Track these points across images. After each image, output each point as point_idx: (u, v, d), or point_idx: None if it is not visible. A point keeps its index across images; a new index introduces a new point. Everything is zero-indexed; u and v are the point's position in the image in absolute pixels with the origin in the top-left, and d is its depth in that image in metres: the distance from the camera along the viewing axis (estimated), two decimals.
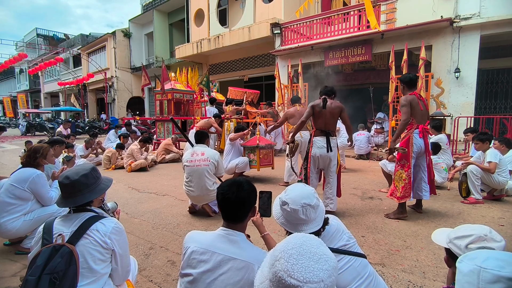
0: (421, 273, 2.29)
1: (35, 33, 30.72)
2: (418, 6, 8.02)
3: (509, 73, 8.79)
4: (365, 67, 11.37)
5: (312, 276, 0.78)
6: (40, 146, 2.82)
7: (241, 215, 1.39)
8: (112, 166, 6.75)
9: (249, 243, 1.40)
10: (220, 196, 1.38)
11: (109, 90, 21.18)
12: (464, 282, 0.74)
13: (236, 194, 1.35)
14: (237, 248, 1.32)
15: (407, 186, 3.35)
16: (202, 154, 3.41)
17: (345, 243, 1.40)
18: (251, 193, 1.41)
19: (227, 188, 1.38)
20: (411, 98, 3.37)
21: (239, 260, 1.28)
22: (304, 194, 1.34)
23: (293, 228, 1.34)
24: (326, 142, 3.43)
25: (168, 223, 3.40)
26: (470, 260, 0.74)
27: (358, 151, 7.79)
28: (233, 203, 1.35)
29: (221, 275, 1.27)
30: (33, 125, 17.05)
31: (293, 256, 0.82)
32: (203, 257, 1.31)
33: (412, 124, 3.40)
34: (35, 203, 2.66)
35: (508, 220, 3.38)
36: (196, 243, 1.36)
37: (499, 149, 4.35)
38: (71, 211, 1.50)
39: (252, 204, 1.42)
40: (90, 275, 1.38)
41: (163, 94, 9.02)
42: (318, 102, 3.49)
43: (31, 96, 34.05)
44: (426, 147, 3.44)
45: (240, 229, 1.40)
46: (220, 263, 1.28)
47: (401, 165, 3.41)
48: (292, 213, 1.32)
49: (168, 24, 19.23)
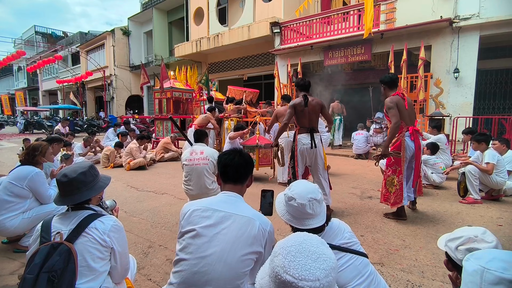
0: (420, 272, 2.29)
1: (34, 30, 30.60)
2: (418, 6, 8.02)
3: (507, 74, 8.81)
4: (364, 67, 11.37)
5: (308, 274, 0.78)
6: (39, 144, 2.81)
7: (243, 177, 1.51)
8: (111, 164, 6.73)
9: (248, 205, 1.46)
10: (224, 159, 1.51)
11: (108, 89, 21.12)
12: (468, 281, 0.74)
13: (239, 157, 1.51)
14: (238, 207, 1.40)
15: (398, 192, 3.26)
16: (201, 153, 3.40)
17: (347, 241, 1.41)
18: (250, 160, 1.57)
19: (230, 152, 1.55)
20: (396, 99, 3.24)
21: (241, 215, 1.35)
22: (309, 189, 1.37)
23: (299, 223, 1.36)
24: (310, 138, 3.41)
25: (167, 222, 3.39)
26: (476, 260, 0.74)
27: (356, 150, 7.79)
28: (236, 164, 1.49)
29: (223, 229, 1.31)
30: (31, 123, 16.99)
31: (291, 253, 0.82)
32: (205, 214, 1.36)
33: (401, 127, 3.24)
34: (33, 201, 2.65)
35: (506, 220, 3.39)
36: (197, 204, 1.42)
37: (500, 149, 4.35)
38: (69, 209, 1.50)
39: (250, 170, 1.55)
40: (88, 273, 1.37)
41: (162, 93, 9.01)
42: (299, 101, 3.41)
43: (29, 94, 33.95)
44: (417, 150, 3.31)
45: (240, 192, 1.50)
46: (222, 219, 1.34)
47: (393, 171, 3.31)
48: (300, 208, 1.34)
49: (168, 23, 19.18)
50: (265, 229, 1.36)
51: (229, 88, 10.88)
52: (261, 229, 1.34)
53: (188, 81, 11.50)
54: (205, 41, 13.49)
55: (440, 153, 5.16)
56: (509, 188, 4.25)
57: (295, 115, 3.47)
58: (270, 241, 1.37)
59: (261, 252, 1.33)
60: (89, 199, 1.53)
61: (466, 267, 0.76)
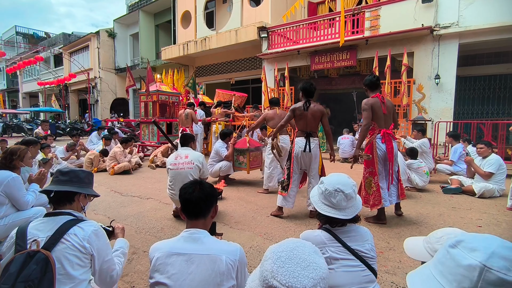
0: (403, 274, 2.33)
1: (14, 31, 29.64)
2: (401, 14, 8.27)
3: (485, 80, 9.18)
4: (350, 72, 11.60)
5: (295, 282, 0.76)
6: (18, 148, 2.70)
7: (204, 211, 1.43)
8: (95, 168, 6.55)
9: (213, 238, 1.42)
10: (182, 194, 1.43)
11: (92, 91, 20.65)
12: (459, 273, 0.66)
13: (199, 191, 1.43)
14: (201, 244, 1.34)
15: (376, 193, 3.30)
16: (186, 157, 3.36)
17: (364, 251, 1.43)
18: (211, 192, 1.47)
19: (189, 185, 1.47)
20: (372, 101, 3.28)
21: (206, 255, 1.30)
22: (340, 181, 1.49)
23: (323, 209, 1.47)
24: (307, 142, 3.43)
25: (151, 227, 3.32)
26: (470, 252, 0.65)
27: (342, 154, 7.90)
28: (195, 199, 1.40)
29: (190, 274, 1.27)
30: (10, 126, 16.36)
31: (281, 258, 0.81)
32: (169, 260, 1.31)
33: (374, 129, 3.31)
34: (10, 207, 2.53)
35: (485, 221, 3.50)
36: (160, 250, 1.36)
37: (486, 152, 4.56)
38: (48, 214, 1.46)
39: (212, 202, 1.47)
40: (68, 281, 1.32)
41: (148, 96, 8.88)
42: (299, 105, 3.46)
43: (9, 96, 32.73)
44: (389, 153, 3.30)
45: (203, 227, 1.43)
46: (187, 263, 1.29)
47: (370, 172, 3.36)
48: (325, 194, 1.47)
49: (154, 25, 18.98)
50: (234, 260, 1.33)
51: (217, 92, 10.85)
52: (229, 262, 1.30)
53: (175, 84, 11.40)
54: (192, 45, 13.43)
55: (424, 157, 5.30)
56: (487, 190, 4.42)
57: (294, 118, 3.52)
58: (242, 266, 1.35)
59: (234, 284, 1.31)
60: (73, 197, 1.53)
61: (456, 256, 0.67)
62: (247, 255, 2.55)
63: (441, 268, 0.70)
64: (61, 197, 1.52)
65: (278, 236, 3.07)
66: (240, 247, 1.40)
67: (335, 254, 1.38)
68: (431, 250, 1.12)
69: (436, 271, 0.72)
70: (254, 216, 3.68)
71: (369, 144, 3.35)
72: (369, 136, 3.37)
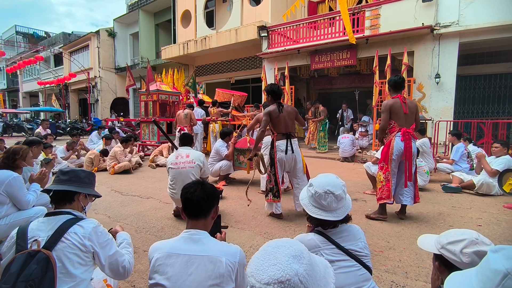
0: (403, 273, 2.33)
1: (14, 30, 29.64)
2: (401, 13, 8.25)
3: (485, 79, 9.17)
4: (350, 71, 11.59)
5: (256, 273, 0.81)
6: (20, 148, 2.71)
7: (205, 211, 1.42)
8: (95, 168, 6.56)
9: (213, 239, 1.41)
10: (184, 193, 1.42)
11: (92, 91, 20.65)
12: (485, 275, 0.72)
13: (200, 191, 1.41)
14: (201, 246, 1.33)
15: (384, 188, 3.39)
16: (187, 156, 3.37)
17: (358, 250, 1.43)
18: (212, 192, 1.46)
19: (191, 185, 1.45)
20: (391, 102, 3.39)
21: (206, 256, 1.29)
22: (330, 182, 1.47)
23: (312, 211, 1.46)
24: (288, 144, 3.44)
25: (152, 227, 3.33)
26: (505, 259, 0.70)
27: (342, 153, 7.89)
28: (196, 199, 1.39)
29: (190, 275, 1.26)
30: (10, 126, 16.35)
31: (262, 251, 0.89)
32: (169, 261, 1.30)
33: (394, 128, 3.43)
34: (11, 207, 2.54)
35: (485, 220, 3.50)
36: (159, 250, 1.35)
37: (502, 152, 4.52)
38: (49, 214, 1.46)
39: (213, 202, 1.46)
40: (69, 280, 1.33)
41: (148, 95, 8.88)
42: (273, 108, 3.44)
43: (9, 96, 32.76)
44: (407, 151, 3.36)
45: (203, 228, 1.41)
46: (186, 264, 1.28)
47: (380, 167, 3.48)
48: (315, 196, 1.45)
49: (154, 25, 18.97)
50: (234, 262, 1.32)
51: (217, 91, 10.85)
52: (228, 264, 1.29)
53: (175, 84, 11.40)
54: (192, 44, 13.42)
55: (425, 157, 5.30)
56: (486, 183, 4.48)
57: (271, 122, 3.49)
58: (241, 269, 1.35)
59: (232, 287, 1.30)
60: (73, 197, 1.54)
61: (492, 259, 0.73)
62: (247, 254, 2.56)
63: (479, 268, 0.78)
64: (61, 196, 1.52)
65: (278, 235, 3.08)
66: (240, 249, 1.39)
67: (330, 257, 1.38)
68: (438, 243, 1.16)
69: (475, 269, 0.80)
70: (254, 216, 3.68)
71: (388, 141, 3.44)
72: (390, 134, 3.46)
